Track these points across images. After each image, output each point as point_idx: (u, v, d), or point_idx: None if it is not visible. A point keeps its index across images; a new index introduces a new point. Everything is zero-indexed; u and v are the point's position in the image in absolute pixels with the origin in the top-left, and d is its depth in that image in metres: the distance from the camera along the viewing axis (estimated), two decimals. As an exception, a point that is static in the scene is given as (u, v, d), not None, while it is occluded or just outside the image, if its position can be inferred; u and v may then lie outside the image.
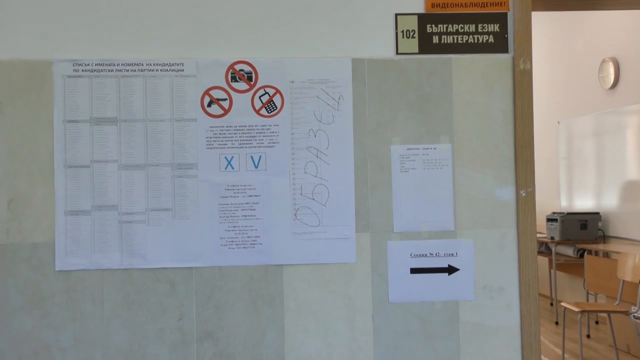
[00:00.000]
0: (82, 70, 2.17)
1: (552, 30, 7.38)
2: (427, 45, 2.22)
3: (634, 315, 4.72)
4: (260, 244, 2.20)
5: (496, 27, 2.23)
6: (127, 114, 2.18)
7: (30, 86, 2.16)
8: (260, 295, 2.19)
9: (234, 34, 2.21)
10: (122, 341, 2.15)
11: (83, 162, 2.17)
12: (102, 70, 2.17)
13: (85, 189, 2.17)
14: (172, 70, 2.19)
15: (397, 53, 2.22)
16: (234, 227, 2.20)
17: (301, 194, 2.21)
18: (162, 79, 2.19)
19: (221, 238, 2.19)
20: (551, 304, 6.77)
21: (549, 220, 6.43)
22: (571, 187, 7.05)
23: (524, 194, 2.23)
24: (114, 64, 2.18)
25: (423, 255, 2.21)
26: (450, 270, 2.21)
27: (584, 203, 6.73)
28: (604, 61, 6.25)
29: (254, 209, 2.20)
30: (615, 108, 6.08)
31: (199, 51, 2.21)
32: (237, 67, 2.20)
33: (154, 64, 2.19)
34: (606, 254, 5.63)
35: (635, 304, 4.65)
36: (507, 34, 2.23)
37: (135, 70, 2.18)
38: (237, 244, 2.19)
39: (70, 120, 2.17)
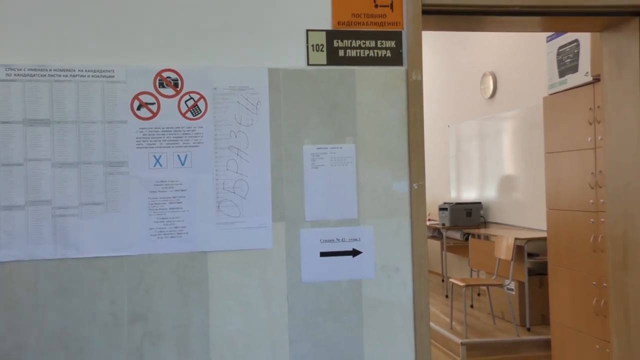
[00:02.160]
0: (15, 75, 2.04)
1: (443, 47, 7.59)
2: (334, 58, 2.24)
3: (507, 287, 4.97)
4: (187, 233, 2.14)
5: (393, 43, 2.27)
6: (60, 116, 2.07)
7: (-37, 88, 2.00)
8: (187, 280, 2.14)
9: (162, 44, 2.14)
10: (56, 326, 2.05)
11: (17, 161, 2.04)
12: (34, 75, 2.05)
13: (19, 185, 2.04)
14: (103, 77, 2.10)
15: (308, 64, 2.22)
16: (163, 218, 2.13)
17: (223, 189, 2.17)
18: (93, 84, 2.09)
19: (150, 229, 2.12)
20: (442, 280, 6.98)
21: (440, 209, 6.57)
22: (459, 181, 7.27)
23: (416, 187, 2.28)
24: (47, 69, 2.06)
25: (331, 240, 2.23)
26: (354, 253, 2.24)
27: (469, 194, 6.96)
28: (484, 75, 6.49)
29: (181, 202, 2.14)
30: (494, 114, 6.33)
31: (129, 59, 2.12)
32: (165, 74, 2.13)
33: (85, 70, 2.08)
34: (486, 237, 5.83)
35: (508, 278, 4.89)
36: (402, 50, 2.27)
37: (67, 76, 2.07)
38: (166, 234, 2.13)
39: (4, 121, 2.03)
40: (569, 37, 3.58)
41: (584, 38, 3.44)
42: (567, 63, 3.61)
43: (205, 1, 2.17)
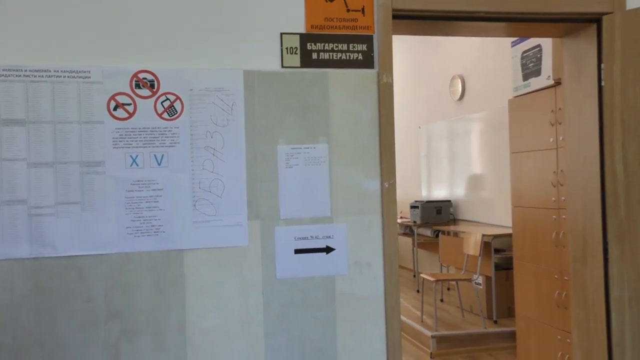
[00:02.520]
0: (-10, 75, 2.00)
1: (415, 51, 7.66)
2: (307, 60, 2.25)
3: (475, 282, 5.05)
4: (164, 231, 2.13)
5: (364, 47, 2.29)
6: (35, 116, 2.04)
7: (-63, 88, 1.96)
8: (163, 277, 2.13)
9: (138, 45, 2.13)
10: (33, 324, 2.01)
11: (-8, 160, 2.00)
12: (9, 75, 2.01)
13: (-6, 185, 2.00)
14: (79, 77, 2.07)
15: (283, 66, 2.23)
16: (139, 217, 2.12)
17: (200, 188, 2.17)
18: (69, 85, 2.06)
19: (127, 227, 2.10)
20: (414, 276, 7.05)
21: (412, 207, 6.61)
22: (430, 179, 7.35)
23: (387, 186, 2.31)
24: (22, 70, 2.02)
25: (305, 238, 2.25)
26: (328, 250, 2.26)
27: (439, 193, 7.04)
28: (453, 78, 6.57)
29: (157, 201, 2.13)
30: (462, 116, 6.41)
31: (105, 60, 2.10)
32: (141, 75, 2.12)
33: (61, 71, 2.06)
34: (456, 234, 5.90)
35: (476, 273, 4.97)
36: (373, 53, 2.30)
37: (42, 77, 2.04)
38: (142, 232, 2.12)
39: (-21, 121, 2.00)
40: (532, 42, 3.66)
41: (546, 43, 3.52)
42: (530, 67, 3.69)
43: (181, 4, 2.16)
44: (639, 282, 2.38)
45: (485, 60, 5.85)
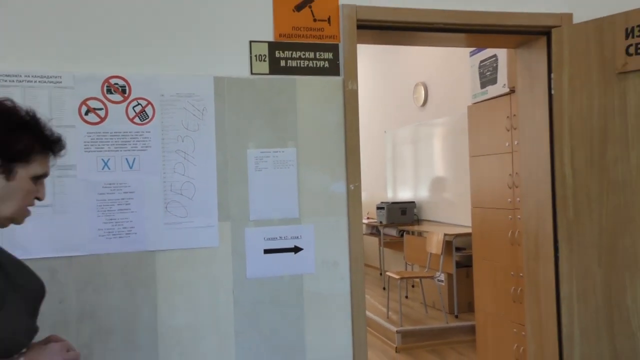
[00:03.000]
0: (-40, 79, 1.96)
1: (380, 59, 7.74)
2: (276, 68, 2.27)
3: (437, 279, 5.14)
4: (135, 233, 2.12)
5: (330, 55, 2.32)
6: (6, 120, 2.00)
7: None
8: (135, 278, 2.11)
9: (110, 51, 2.11)
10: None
11: (-38, 164, 1.95)
12: (-20, 79, 1.97)
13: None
14: (51, 82, 2.04)
15: (252, 73, 2.24)
16: (111, 219, 2.10)
17: (171, 190, 2.16)
18: (40, 90, 2.03)
19: (99, 229, 2.08)
20: (380, 274, 7.11)
21: (378, 208, 6.66)
22: (395, 182, 7.42)
23: (352, 188, 2.34)
24: (-7, 74, 1.98)
25: (274, 238, 2.26)
26: (296, 250, 2.27)
27: (404, 194, 7.12)
28: (416, 85, 6.67)
29: (129, 204, 2.11)
30: (425, 121, 6.51)
31: (76, 65, 2.07)
32: (112, 80, 2.10)
33: (32, 76, 2.02)
34: (419, 234, 5.97)
35: (438, 270, 5.06)
36: (338, 61, 2.33)
37: (13, 81, 2.00)
38: (114, 234, 2.10)
39: (-52, 124, 1.94)
40: (489, 52, 3.76)
41: (502, 54, 3.62)
42: (487, 75, 3.79)
43: (153, 11, 2.15)
44: (586, 279, 2.47)
45: (446, 69, 5.96)
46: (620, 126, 2.37)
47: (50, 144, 1.21)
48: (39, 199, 1.25)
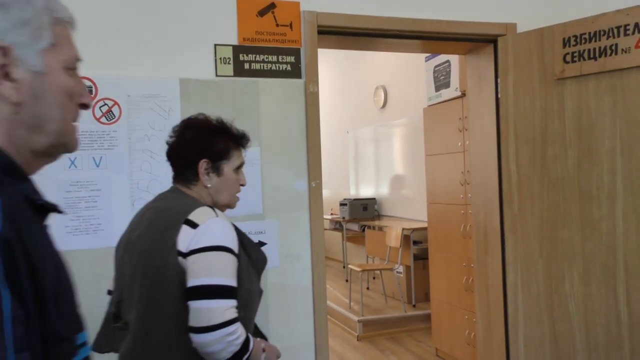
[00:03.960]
0: None
1: (343, 63, 7.77)
2: (240, 70, 2.26)
3: (396, 271, 5.20)
4: (102, 230, 2.08)
5: (292, 59, 2.33)
6: (-29, 119, 1.92)
7: None
8: (102, 274, 2.06)
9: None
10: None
11: None
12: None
13: None
14: (16, 82, 1.98)
15: (217, 75, 2.23)
16: (78, 216, 2.05)
17: (138, 188, 2.12)
18: (6, 89, 1.97)
19: (66, 226, 2.03)
20: (343, 267, 7.15)
21: (341, 204, 6.65)
22: (357, 179, 7.46)
23: (314, 185, 2.35)
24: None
25: (239, 233, 2.25)
26: (261, 244, 2.26)
27: (366, 191, 7.17)
28: (377, 88, 6.72)
29: (96, 201, 2.07)
30: (385, 122, 6.57)
31: (43, 66, 2.01)
32: (79, 81, 2.05)
33: None
34: (380, 228, 6.00)
35: (397, 263, 5.12)
36: (300, 64, 2.34)
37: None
38: (81, 231, 2.05)
39: None
40: (443, 58, 3.83)
41: (454, 59, 3.70)
42: (441, 80, 3.86)
43: (121, 14, 2.11)
44: (529, 268, 2.56)
45: (404, 73, 6.03)
46: (558, 128, 2.46)
47: (240, 140, 1.46)
48: (242, 185, 1.48)
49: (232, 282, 1.24)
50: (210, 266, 1.23)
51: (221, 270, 1.23)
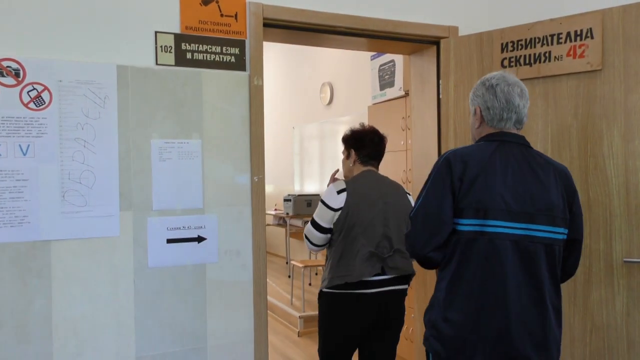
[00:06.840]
0: None
1: (290, 58, 7.75)
2: (182, 59, 2.19)
3: (339, 267, 5.24)
4: (29, 222, 1.95)
5: (237, 50, 2.28)
6: None
7: None
8: (27, 268, 1.95)
9: (3, 31, 1.92)
10: None
11: None
12: None
13: None
14: None
15: (157, 64, 2.15)
16: (1, 208, 1.92)
17: (69, 179, 2.02)
18: None
19: (-13, 218, 1.90)
20: (286, 263, 7.15)
21: (285, 200, 6.63)
22: (302, 175, 7.47)
23: (256, 180, 2.32)
24: None
25: (177, 228, 2.19)
26: (199, 239, 2.22)
27: (310, 187, 7.19)
28: (323, 84, 6.75)
29: (22, 192, 1.95)
30: (331, 119, 6.62)
31: (-36, 45, 1.87)
32: (4, 63, 1.92)
33: None
34: (323, 224, 6.07)
35: (340, 259, 5.15)
36: (245, 57, 2.29)
37: None
38: (5, 223, 1.92)
39: None
40: (388, 57, 3.89)
41: (399, 59, 3.76)
42: (386, 79, 3.92)
43: (51, -6, 1.99)
44: (465, 263, 2.64)
45: (351, 70, 6.09)
46: (496, 129, 2.55)
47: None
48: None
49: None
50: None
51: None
